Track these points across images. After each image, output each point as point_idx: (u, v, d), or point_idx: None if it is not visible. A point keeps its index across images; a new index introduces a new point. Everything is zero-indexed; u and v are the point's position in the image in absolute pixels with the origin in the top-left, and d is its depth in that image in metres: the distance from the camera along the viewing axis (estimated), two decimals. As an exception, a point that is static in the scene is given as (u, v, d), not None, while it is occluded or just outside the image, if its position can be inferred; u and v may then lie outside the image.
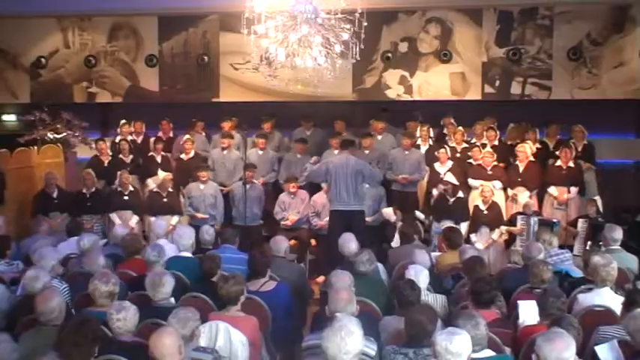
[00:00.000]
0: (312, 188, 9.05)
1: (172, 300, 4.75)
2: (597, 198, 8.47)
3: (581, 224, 7.96)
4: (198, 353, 3.85)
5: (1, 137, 10.75)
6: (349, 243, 6.16)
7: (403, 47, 10.46)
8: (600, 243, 6.54)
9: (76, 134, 9.97)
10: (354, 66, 8.97)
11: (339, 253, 6.23)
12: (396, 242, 8.04)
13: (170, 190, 8.78)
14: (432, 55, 10.41)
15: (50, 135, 9.81)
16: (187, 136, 9.61)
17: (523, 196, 8.68)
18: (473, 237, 8.08)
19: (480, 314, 3.97)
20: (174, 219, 8.61)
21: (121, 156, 9.64)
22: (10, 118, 12.43)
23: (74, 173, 9.94)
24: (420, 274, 5.19)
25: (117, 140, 10.02)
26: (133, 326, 4.06)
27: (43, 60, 11.08)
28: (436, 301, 5.14)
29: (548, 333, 3.51)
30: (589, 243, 7.51)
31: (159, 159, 9.64)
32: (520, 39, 10.20)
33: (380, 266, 6.02)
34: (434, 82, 10.43)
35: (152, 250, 5.65)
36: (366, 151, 9.25)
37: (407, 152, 9.19)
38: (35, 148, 9.73)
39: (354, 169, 7.70)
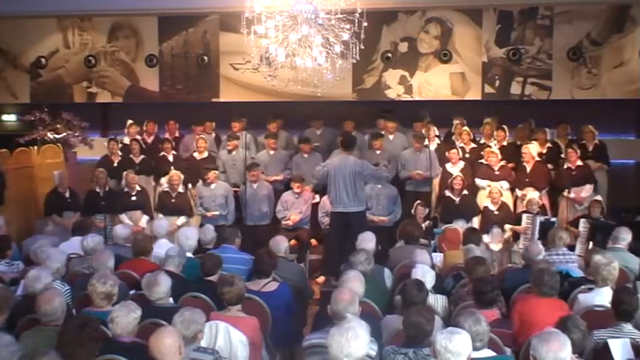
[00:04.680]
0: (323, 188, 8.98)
1: (171, 300, 4.74)
2: (600, 198, 8.41)
3: (583, 224, 7.95)
4: (199, 353, 3.84)
5: (1, 137, 10.77)
6: (368, 242, 6.15)
7: (403, 47, 10.45)
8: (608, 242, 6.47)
9: (76, 134, 9.98)
10: (354, 66, 8.95)
11: (339, 254, 6.21)
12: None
13: (180, 190, 8.76)
14: (432, 55, 10.39)
15: (50, 135, 9.82)
16: (202, 136, 9.65)
17: (532, 196, 8.59)
18: (485, 238, 7.95)
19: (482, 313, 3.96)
20: (181, 219, 8.64)
21: (131, 156, 9.66)
22: (10, 118, 12.41)
23: (74, 173, 9.94)
24: (426, 275, 5.17)
25: (126, 141, 10.01)
26: (133, 326, 4.05)
27: (43, 60, 11.06)
28: (437, 301, 5.13)
29: (543, 334, 3.48)
30: (591, 243, 7.49)
31: (170, 158, 9.66)
32: (520, 39, 10.19)
33: (386, 271, 5.99)
34: (434, 82, 10.42)
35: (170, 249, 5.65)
36: (377, 152, 9.23)
37: (418, 153, 9.14)
38: (35, 148, 9.74)
39: (353, 170, 7.65)
